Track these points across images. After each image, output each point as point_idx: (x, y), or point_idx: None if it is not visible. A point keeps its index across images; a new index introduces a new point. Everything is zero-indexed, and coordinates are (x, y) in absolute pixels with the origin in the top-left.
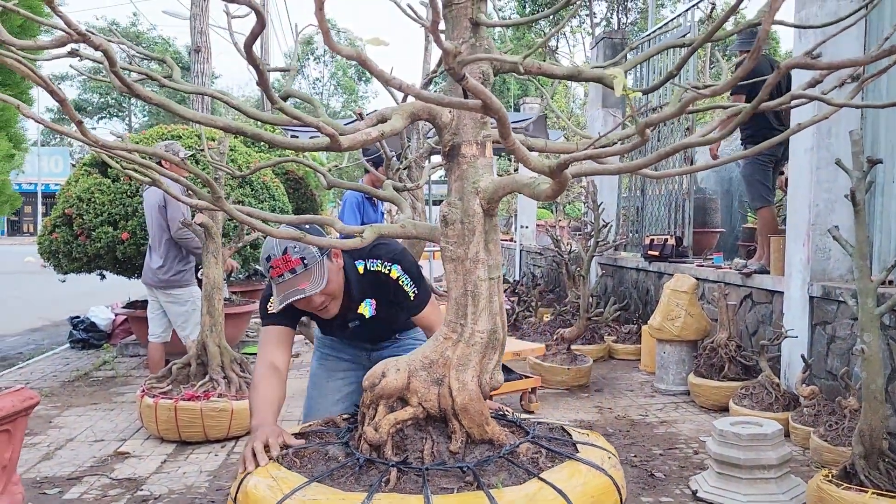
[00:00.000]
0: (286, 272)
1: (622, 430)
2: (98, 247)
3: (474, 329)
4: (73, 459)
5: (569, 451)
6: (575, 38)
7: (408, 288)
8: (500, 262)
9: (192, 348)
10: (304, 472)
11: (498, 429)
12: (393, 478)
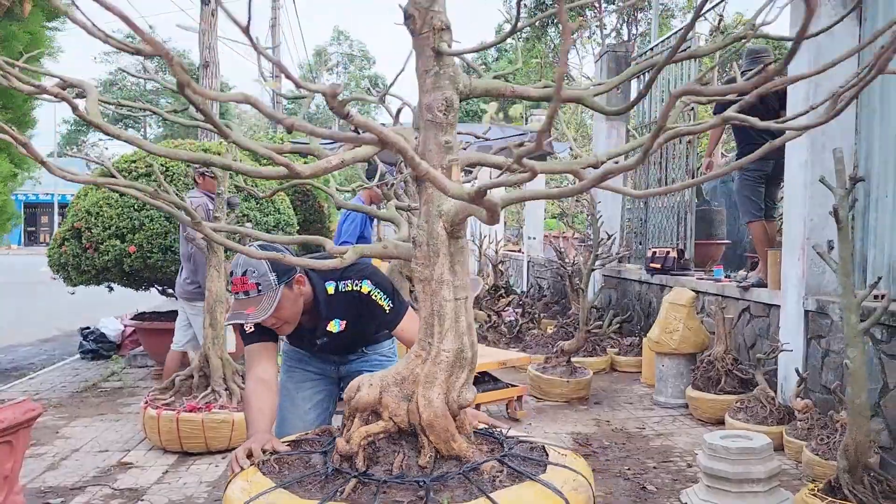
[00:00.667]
0: (241, 292)
1: (618, 443)
2: (106, 260)
3: (440, 348)
4: (77, 469)
5: (536, 471)
6: (585, 48)
7: (382, 301)
8: (466, 283)
9: (195, 360)
10: (278, 478)
11: (465, 445)
12: (349, 488)
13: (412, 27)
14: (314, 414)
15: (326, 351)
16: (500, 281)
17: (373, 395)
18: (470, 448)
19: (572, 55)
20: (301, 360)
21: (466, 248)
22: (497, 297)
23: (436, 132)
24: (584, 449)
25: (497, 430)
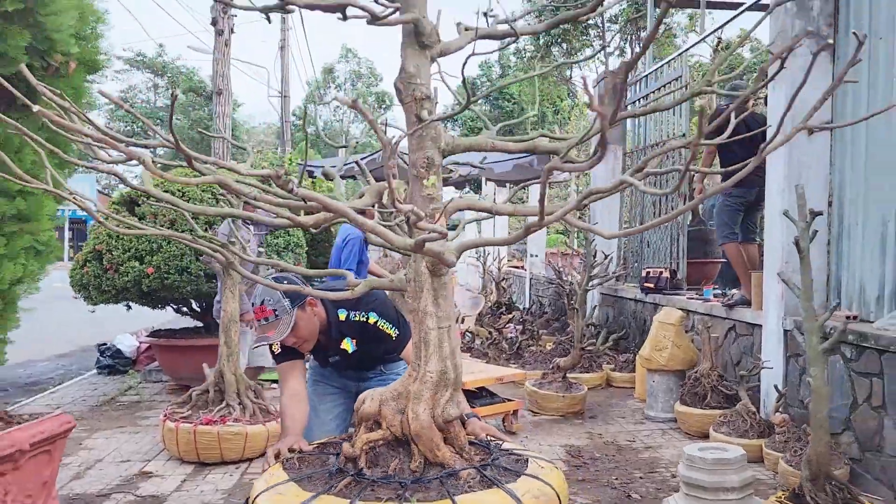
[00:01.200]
0: (261, 319)
1: (608, 455)
2: (125, 280)
3: (426, 370)
4: (101, 478)
5: (508, 479)
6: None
7: (388, 329)
8: (450, 313)
9: (211, 377)
10: (295, 474)
11: (448, 454)
12: (342, 484)
13: (399, 97)
14: (333, 424)
15: (343, 368)
16: (503, 298)
17: (373, 407)
18: (453, 457)
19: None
20: (324, 377)
21: (449, 283)
22: (499, 313)
23: (420, 186)
24: (575, 460)
25: (494, 442)
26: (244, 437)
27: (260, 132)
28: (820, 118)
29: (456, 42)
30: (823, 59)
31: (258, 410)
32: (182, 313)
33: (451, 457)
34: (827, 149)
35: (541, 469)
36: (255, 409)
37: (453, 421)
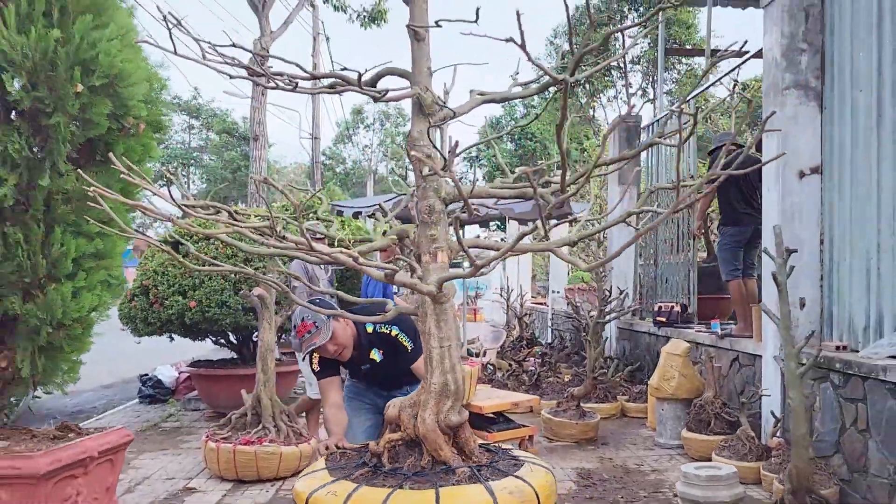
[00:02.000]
0: (305, 333)
1: (616, 477)
2: (170, 313)
3: (431, 381)
4: (149, 493)
5: (495, 477)
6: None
7: (405, 342)
8: (450, 334)
9: (248, 401)
10: (331, 465)
11: (450, 454)
12: (359, 473)
13: (408, 155)
14: (363, 437)
15: (374, 378)
16: (525, 332)
17: (394, 412)
18: (455, 457)
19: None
20: (358, 393)
21: (450, 310)
22: (520, 347)
23: (425, 229)
24: (584, 481)
25: (501, 447)
26: (279, 456)
27: (290, 171)
28: (812, 162)
29: (459, 108)
30: (812, 107)
31: (292, 433)
32: (220, 345)
33: (452, 456)
34: (818, 190)
35: (529, 472)
36: (289, 432)
37: (456, 426)
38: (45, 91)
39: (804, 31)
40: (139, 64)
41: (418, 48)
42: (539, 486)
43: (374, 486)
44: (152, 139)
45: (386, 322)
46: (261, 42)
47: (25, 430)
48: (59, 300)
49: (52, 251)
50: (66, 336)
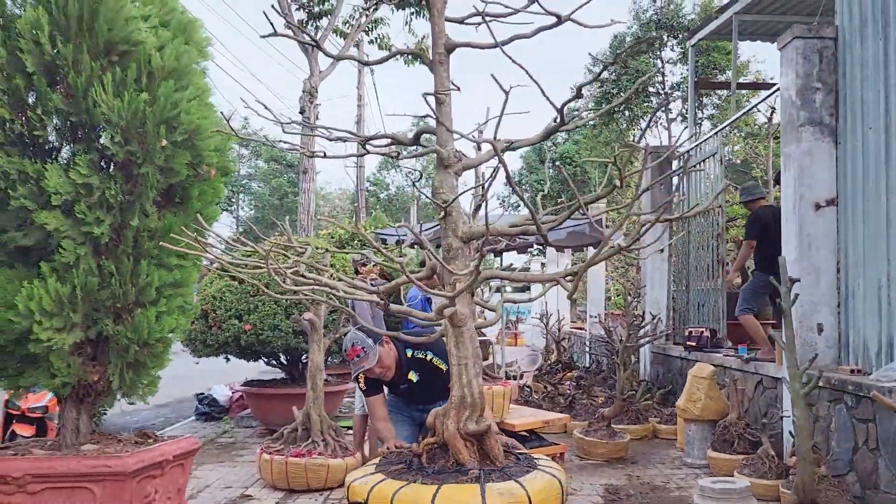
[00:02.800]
0: (355, 357)
1: (642, 493)
2: (227, 336)
3: (452, 394)
4: (210, 500)
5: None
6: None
7: (440, 364)
8: (467, 353)
9: (299, 417)
10: (383, 464)
11: (468, 457)
12: (396, 468)
13: (432, 200)
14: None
15: (411, 396)
16: (563, 356)
17: (431, 420)
18: (471, 459)
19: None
20: (398, 407)
21: (467, 332)
22: (556, 370)
23: (446, 263)
24: (611, 496)
25: (527, 456)
26: (327, 468)
27: (336, 197)
28: (828, 195)
29: (476, 159)
30: (827, 143)
31: (338, 447)
32: (272, 365)
33: (469, 459)
34: (833, 222)
35: (532, 478)
36: (336, 446)
37: (474, 433)
38: (136, 146)
39: (818, 71)
40: (212, 119)
41: (439, 110)
42: (534, 490)
43: (395, 480)
44: (221, 182)
45: (422, 348)
46: (310, 81)
47: (111, 435)
48: (144, 323)
49: (139, 281)
50: (149, 354)
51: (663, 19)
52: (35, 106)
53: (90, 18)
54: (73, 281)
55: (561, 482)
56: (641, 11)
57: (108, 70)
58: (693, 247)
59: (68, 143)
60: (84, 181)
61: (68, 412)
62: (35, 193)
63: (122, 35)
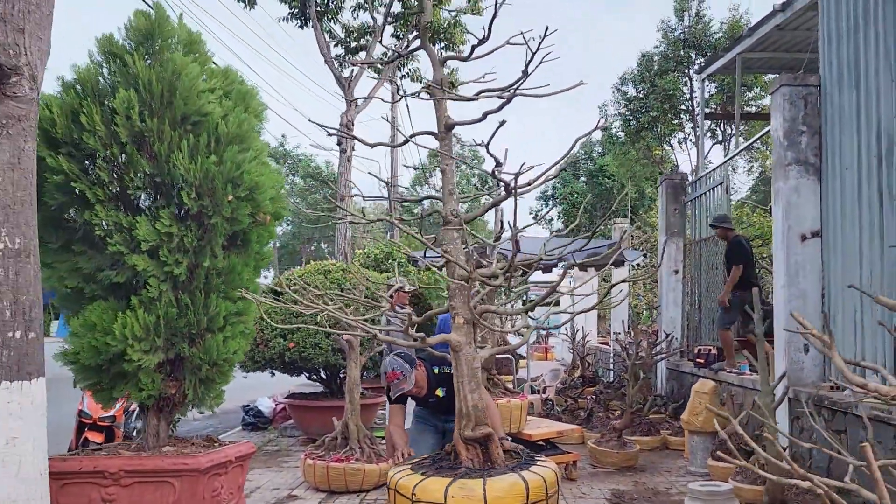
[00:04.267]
0: (395, 380)
1: (646, 497)
2: (272, 353)
3: (457, 407)
4: (262, 499)
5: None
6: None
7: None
8: (464, 374)
9: (338, 426)
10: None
11: (466, 457)
12: (425, 463)
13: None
14: (427, 451)
15: (437, 408)
16: (588, 371)
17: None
18: (469, 460)
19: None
20: (425, 419)
21: (463, 357)
22: (578, 385)
23: (450, 300)
24: (617, 499)
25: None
26: (363, 472)
27: (370, 212)
28: (812, 227)
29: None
30: (812, 181)
31: (373, 454)
32: (312, 380)
33: (467, 459)
34: (818, 252)
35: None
36: (371, 453)
37: (471, 439)
38: (207, 200)
39: (803, 115)
40: (269, 176)
41: (443, 178)
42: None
43: (410, 474)
44: (274, 225)
45: (448, 365)
46: (346, 115)
47: (184, 439)
48: (214, 346)
49: (210, 311)
50: (217, 371)
51: (691, 38)
52: (127, 169)
53: (169, 95)
54: (157, 312)
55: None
56: (669, 30)
57: (184, 138)
58: (704, 269)
59: (153, 199)
60: (166, 230)
61: (150, 420)
62: (127, 240)
63: (195, 108)
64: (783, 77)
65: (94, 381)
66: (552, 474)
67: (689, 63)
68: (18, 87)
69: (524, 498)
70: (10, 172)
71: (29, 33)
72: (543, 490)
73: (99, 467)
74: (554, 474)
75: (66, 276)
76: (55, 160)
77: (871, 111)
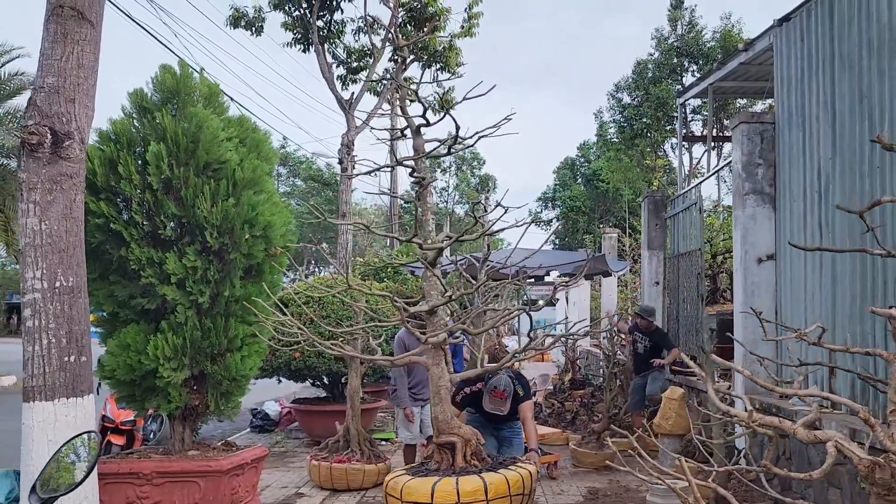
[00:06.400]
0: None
1: (618, 494)
2: (280, 361)
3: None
4: (271, 496)
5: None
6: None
7: (520, 391)
8: (430, 390)
9: (341, 430)
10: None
11: (439, 460)
12: (415, 470)
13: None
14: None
15: (493, 418)
16: (578, 375)
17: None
18: (438, 462)
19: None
20: (484, 425)
21: (433, 368)
22: (566, 389)
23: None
24: (591, 496)
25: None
26: (363, 472)
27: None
28: (767, 251)
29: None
30: (767, 209)
31: (372, 455)
32: (316, 386)
33: (438, 461)
34: (773, 273)
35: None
36: (371, 454)
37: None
38: (227, 239)
39: (760, 149)
40: (280, 215)
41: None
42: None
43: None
44: (284, 256)
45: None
46: (347, 136)
47: (205, 444)
48: (233, 363)
49: (229, 333)
50: (235, 386)
51: (684, 47)
52: (158, 212)
53: (193, 146)
54: (184, 335)
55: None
56: (663, 39)
57: (206, 183)
58: (682, 281)
59: (180, 237)
60: (192, 264)
61: (176, 427)
62: (158, 273)
63: (216, 156)
64: (742, 115)
65: (128, 394)
66: (516, 476)
67: (683, 71)
68: (70, 149)
69: (483, 495)
70: (64, 222)
71: (78, 102)
72: (506, 487)
73: (134, 469)
74: (518, 476)
75: (103, 302)
76: (96, 205)
77: (814, 151)
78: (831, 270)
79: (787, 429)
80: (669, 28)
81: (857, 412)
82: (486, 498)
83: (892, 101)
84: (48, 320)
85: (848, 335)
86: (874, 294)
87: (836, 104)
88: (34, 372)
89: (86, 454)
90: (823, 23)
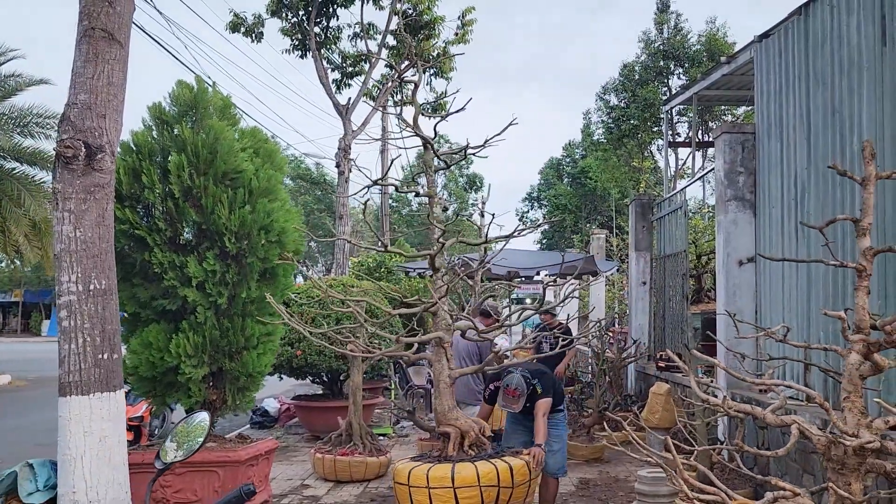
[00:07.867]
0: (511, 396)
1: (606, 484)
2: (281, 359)
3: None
4: (278, 487)
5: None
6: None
7: (538, 388)
8: (438, 377)
9: (343, 425)
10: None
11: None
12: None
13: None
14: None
15: (524, 413)
16: (567, 372)
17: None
18: (439, 450)
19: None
20: (518, 420)
21: (435, 365)
22: None
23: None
24: (583, 486)
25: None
26: (365, 464)
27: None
28: (747, 254)
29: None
30: (748, 214)
31: (374, 449)
32: (316, 383)
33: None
34: (753, 275)
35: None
36: (372, 448)
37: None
38: (244, 244)
39: (741, 158)
40: (293, 221)
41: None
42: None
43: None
44: (295, 260)
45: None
46: (344, 140)
47: (221, 437)
48: (249, 361)
49: (246, 333)
50: (251, 381)
51: (670, 50)
52: (179, 219)
53: (212, 156)
54: (204, 334)
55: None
56: (649, 42)
57: (224, 192)
58: (668, 281)
59: (200, 243)
60: (211, 268)
61: None
62: (179, 276)
63: (233, 166)
64: (724, 125)
65: (149, 390)
66: (505, 466)
67: (669, 74)
68: (102, 161)
69: (475, 481)
70: (97, 229)
71: (109, 118)
72: (494, 476)
73: None
74: (507, 466)
75: (126, 303)
76: (122, 212)
77: (791, 160)
78: (806, 273)
79: (757, 414)
80: (656, 31)
81: (814, 398)
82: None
83: (860, 116)
84: (83, 320)
85: (822, 333)
86: (844, 295)
87: (811, 117)
88: (70, 368)
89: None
90: (799, 41)
